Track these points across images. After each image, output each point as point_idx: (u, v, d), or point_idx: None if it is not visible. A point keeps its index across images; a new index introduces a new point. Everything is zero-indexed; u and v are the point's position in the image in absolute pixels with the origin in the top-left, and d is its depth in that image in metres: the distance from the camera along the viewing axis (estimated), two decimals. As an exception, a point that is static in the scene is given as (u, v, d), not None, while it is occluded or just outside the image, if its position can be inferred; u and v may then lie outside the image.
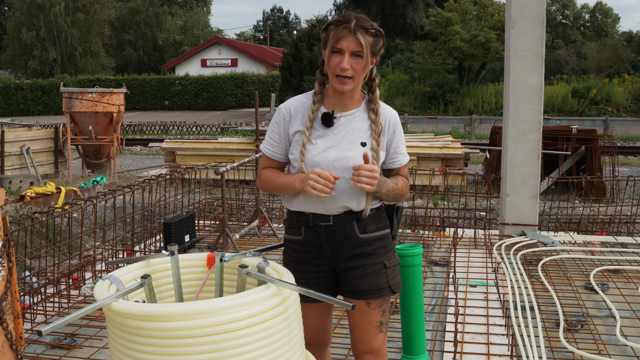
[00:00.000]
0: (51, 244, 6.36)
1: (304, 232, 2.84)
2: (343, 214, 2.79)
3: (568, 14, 63.32)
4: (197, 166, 8.63)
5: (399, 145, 2.86)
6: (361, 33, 2.61)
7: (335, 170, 2.71)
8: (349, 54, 2.63)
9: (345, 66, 2.62)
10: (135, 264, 2.72)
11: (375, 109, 2.78)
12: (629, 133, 28.65)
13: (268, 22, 79.14)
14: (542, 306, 5.22)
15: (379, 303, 2.87)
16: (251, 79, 44.92)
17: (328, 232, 2.80)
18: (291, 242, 2.91)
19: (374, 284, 2.82)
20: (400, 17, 60.40)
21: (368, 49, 2.64)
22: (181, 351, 2.20)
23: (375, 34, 2.67)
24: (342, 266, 2.84)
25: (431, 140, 14.44)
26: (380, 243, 2.85)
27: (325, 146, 2.74)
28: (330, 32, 2.65)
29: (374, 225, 2.84)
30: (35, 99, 45.43)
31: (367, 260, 2.82)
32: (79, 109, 14.01)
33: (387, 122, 2.83)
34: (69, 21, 52.05)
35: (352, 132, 2.77)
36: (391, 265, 2.88)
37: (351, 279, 2.83)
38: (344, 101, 2.79)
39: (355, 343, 2.95)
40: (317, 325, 2.97)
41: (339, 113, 2.79)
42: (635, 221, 8.41)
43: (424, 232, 8.01)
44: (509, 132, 7.62)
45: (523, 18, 7.49)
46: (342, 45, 2.62)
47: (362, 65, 2.65)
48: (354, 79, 2.67)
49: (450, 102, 37.58)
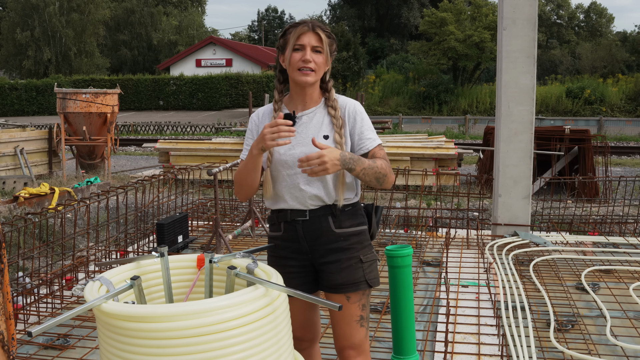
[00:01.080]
0: (44, 244, 6.37)
1: (283, 227, 2.98)
2: (319, 208, 2.91)
3: (562, 13, 63.44)
4: (190, 167, 8.64)
5: (362, 131, 2.94)
6: (319, 30, 2.83)
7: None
8: (310, 48, 2.82)
9: (308, 58, 2.80)
10: (126, 266, 2.73)
11: (333, 105, 2.93)
12: (622, 133, 28.75)
13: (263, 22, 79.06)
14: (533, 306, 5.25)
15: (358, 297, 2.97)
16: (246, 79, 44.89)
17: (305, 227, 2.92)
18: (273, 239, 3.06)
19: (351, 278, 2.93)
20: (394, 17, 60.47)
21: (327, 46, 2.84)
22: (170, 352, 2.22)
23: (330, 35, 2.88)
24: (320, 261, 2.95)
25: (424, 140, 14.48)
26: (356, 238, 2.96)
27: (291, 144, 2.88)
28: (289, 34, 2.85)
29: (350, 221, 2.95)
30: (29, 99, 45.34)
31: (343, 255, 2.93)
32: (73, 110, 14.01)
33: (346, 112, 2.95)
34: (64, 21, 51.92)
35: (314, 127, 2.92)
36: (367, 260, 2.99)
37: (328, 274, 2.94)
38: (304, 101, 2.94)
39: (338, 339, 3.01)
40: (303, 318, 3.06)
41: (300, 112, 2.94)
42: (627, 221, 8.45)
43: (416, 232, 8.04)
44: (501, 133, 7.65)
45: (515, 19, 7.52)
46: (304, 42, 2.81)
47: (322, 59, 2.85)
48: (315, 72, 2.84)
49: (445, 102, 37.66)
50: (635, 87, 37.55)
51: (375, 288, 5.70)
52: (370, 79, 42.05)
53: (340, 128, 2.89)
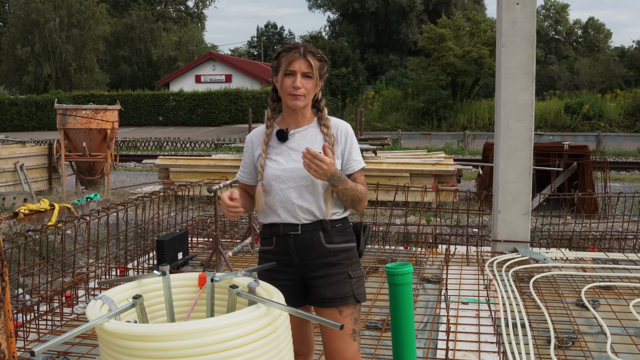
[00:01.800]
0: (44, 261, 6.37)
1: (275, 241, 3.07)
2: (311, 223, 3.01)
3: (561, 29, 63.72)
4: (190, 183, 8.66)
5: (351, 152, 3.07)
6: (310, 56, 2.94)
7: (295, 180, 2.98)
8: (300, 74, 2.93)
9: (298, 85, 2.93)
10: (127, 284, 2.74)
11: (326, 124, 3.07)
12: (621, 148, 28.80)
13: (262, 38, 79.32)
14: (533, 323, 5.24)
15: (350, 311, 3.04)
16: (245, 94, 44.98)
17: (297, 241, 3.01)
18: (264, 253, 3.14)
19: (339, 292, 3.01)
20: (393, 33, 60.72)
21: (317, 71, 2.96)
22: (172, 371, 2.23)
23: (321, 59, 3.00)
24: (310, 275, 3.03)
25: (424, 156, 14.51)
26: (345, 254, 3.06)
27: (283, 160, 3.02)
28: (282, 58, 2.96)
29: (340, 237, 3.05)
30: (29, 115, 45.40)
31: (332, 270, 3.01)
32: (73, 126, 14.04)
33: (339, 132, 3.08)
34: (64, 37, 52.11)
35: (307, 144, 3.03)
36: (356, 276, 3.07)
37: (317, 288, 3.02)
38: (297, 120, 3.07)
39: (331, 353, 3.05)
40: (298, 332, 3.10)
41: (293, 130, 3.07)
42: (627, 237, 8.45)
43: (416, 249, 8.04)
44: (500, 149, 7.67)
45: (514, 36, 7.56)
46: (294, 68, 2.93)
47: (312, 85, 2.97)
48: (305, 97, 2.97)
49: (444, 117, 37.74)
50: (634, 102, 37.67)
51: (376, 305, 5.71)
52: (370, 94, 42.17)
53: (333, 145, 3.02)
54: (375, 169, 12.61)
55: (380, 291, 6.16)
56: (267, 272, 3.09)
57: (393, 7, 58.89)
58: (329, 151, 2.89)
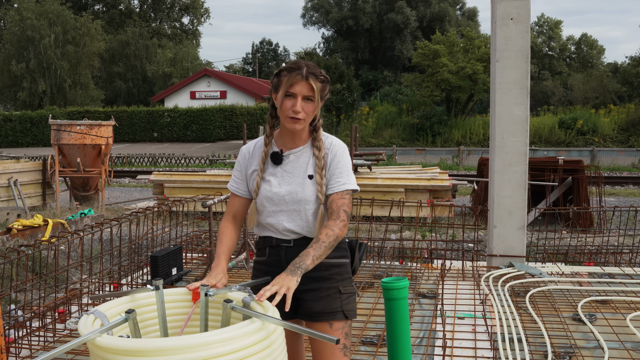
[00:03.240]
0: (37, 277, 6.32)
1: (268, 252, 3.07)
2: (302, 238, 3.01)
3: (554, 45, 64.11)
4: (185, 199, 8.62)
5: (334, 172, 2.98)
6: (312, 79, 2.86)
7: (287, 204, 2.98)
8: (301, 97, 2.87)
9: (298, 109, 2.87)
10: (120, 299, 2.71)
11: (318, 146, 3.00)
12: (615, 163, 28.88)
13: (257, 54, 79.59)
14: (530, 338, 5.21)
15: (341, 325, 3.02)
16: (240, 111, 45.04)
17: (288, 253, 3.00)
18: (258, 263, 3.15)
19: (328, 307, 2.99)
20: (388, 50, 60.97)
21: (318, 94, 2.89)
22: (165, 387, 2.19)
23: (323, 80, 2.93)
24: (300, 288, 2.98)
25: (419, 172, 14.50)
26: (336, 270, 3.04)
27: (276, 182, 3.00)
28: (283, 78, 2.89)
29: (332, 253, 2.98)
30: (23, 131, 45.37)
31: (322, 284, 3.00)
32: (67, 141, 14.01)
33: (329, 153, 3.02)
34: (59, 53, 52.18)
35: (300, 167, 3.01)
36: (346, 292, 3.05)
37: (307, 301, 3.01)
38: (293, 140, 3.03)
39: None
40: (289, 345, 3.08)
41: (287, 151, 3.04)
42: (623, 251, 8.44)
43: (411, 264, 8.01)
44: (495, 164, 7.67)
45: (508, 51, 7.58)
46: (295, 90, 2.86)
47: (312, 108, 2.91)
48: (305, 120, 2.92)
49: (439, 133, 37.83)
50: (627, 117, 37.83)
51: (371, 321, 5.67)
52: (364, 110, 42.27)
53: (322, 169, 2.97)
54: (370, 184, 12.60)
55: (375, 307, 6.12)
56: (260, 284, 3.07)
57: (387, 24, 59.18)
58: (318, 193, 2.93)
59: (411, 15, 58.25)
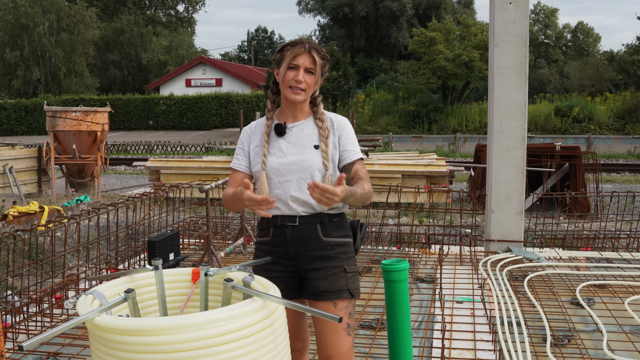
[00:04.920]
0: (34, 262, 6.29)
1: (272, 232, 3.07)
2: (309, 216, 3.02)
3: (550, 33, 63.95)
4: (181, 184, 8.59)
5: (347, 143, 3.08)
6: (315, 52, 2.98)
7: (293, 173, 3.00)
8: (304, 69, 2.97)
9: (300, 79, 2.96)
10: (119, 279, 2.68)
11: (320, 118, 3.10)
12: (611, 150, 28.90)
13: (252, 42, 79.24)
14: (528, 321, 5.21)
15: (345, 304, 3.03)
16: (235, 98, 44.91)
17: (294, 232, 3.01)
18: (260, 244, 3.14)
19: (334, 286, 3.00)
20: (384, 37, 60.76)
21: (319, 68, 3.00)
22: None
23: (324, 57, 3.04)
24: (305, 267, 3.02)
25: (416, 158, 14.48)
26: (341, 249, 3.06)
27: (281, 153, 3.05)
28: (286, 52, 2.99)
29: (337, 232, 3.06)
30: (18, 119, 45.18)
31: (328, 263, 3.01)
32: (62, 128, 13.93)
33: (333, 124, 3.11)
34: (53, 41, 51.88)
35: (304, 138, 3.07)
36: (351, 270, 3.07)
37: (312, 280, 3.01)
38: (295, 113, 3.10)
39: (324, 347, 3.02)
40: (293, 327, 3.09)
41: (290, 124, 3.10)
42: (620, 236, 8.44)
43: (409, 249, 8.00)
44: (493, 149, 7.64)
45: (507, 36, 7.54)
46: (298, 62, 2.97)
47: (313, 80, 3.01)
48: (305, 92, 3.01)
49: (435, 121, 37.77)
50: (623, 105, 37.81)
51: (370, 305, 5.66)
52: (360, 98, 42.16)
53: (327, 138, 3.04)
54: (367, 170, 12.56)
55: (374, 291, 6.11)
56: (262, 264, 3.08)
57: (383, 11, 58.92)
58: (323, 160, 2.98)
59: (407, 3, 57.97)
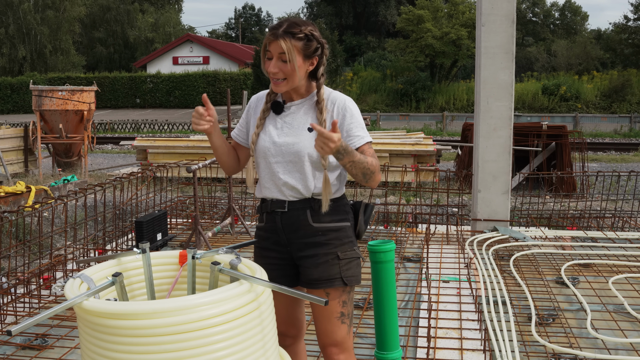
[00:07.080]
0: (21, 243, 6.28)
1: (265, 218, 3.01)
2: (298, 201, 2.91)
3: (538, 11, 63.91)
4: (169, 164, 8.58)
5: (350, 127, 2.89)
6: (286, 38, 2.76)
7: (284, 155, 2.89)
8: (277, 58, 2.79)
9: (273, 69, 2.80)
10: (107, 262, 2.69)
11: (320, 99, 2.90)
12: (598, 129, 29.04)
13: (240, 19, 78.71)
14: (514, 301, 5.26)
15: (338, 293, 2.94)
16: (223, 76, 44.73)
17: (283, 219, 2.94)
18: (258, 229, 3.09)
19: (325, 274, 2.91)
20: (372, 15, 60.52)
21: (293, 53, 2.77)
22: (153, 349, 2.18)
23: (304, 37, 2.79)
24: (297, 254, 2.95)
25: (403, 137, 14.51)
26: (334, 234, 2.93)
27: (275, 133, 2.92)
28: (265, 39, 2.84)
29: (330, 217, 2.92)
30: (4, 97, 44.83)
31: (320, 250, 2.91)
32: (49, 107, 13.86)
33: (334, 107, 2.92)
34: (39, 18, 51.34)
35: (300, 119, 2.92)
36: (345, 257, 2.94)
37: (305, 268, 2.94)
38: (290, 95, 2.95)
39: (320, 335, 3.00)
40: (287, 314, 3.06)
41: (289, 102, 2.96)
42: (605, 216, 8.51)
43: (396, 228, 8.04)
44: (480, 129, 7.67)
45: (493, 15, 7.54)
46: (271, 50, 2.80)
47: (290, 67, 2.79)
48: (287, 80, 2.83)
49: (422, 99, 37.80)
50: (610, 84, 37.97)
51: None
52: (348, 76, 42.09)
53: (322, 123, 2.86)
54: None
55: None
56: (259, 250, 3.04)
57: (371, -12, 58.70)
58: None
59: (395, -20, 57.78)
